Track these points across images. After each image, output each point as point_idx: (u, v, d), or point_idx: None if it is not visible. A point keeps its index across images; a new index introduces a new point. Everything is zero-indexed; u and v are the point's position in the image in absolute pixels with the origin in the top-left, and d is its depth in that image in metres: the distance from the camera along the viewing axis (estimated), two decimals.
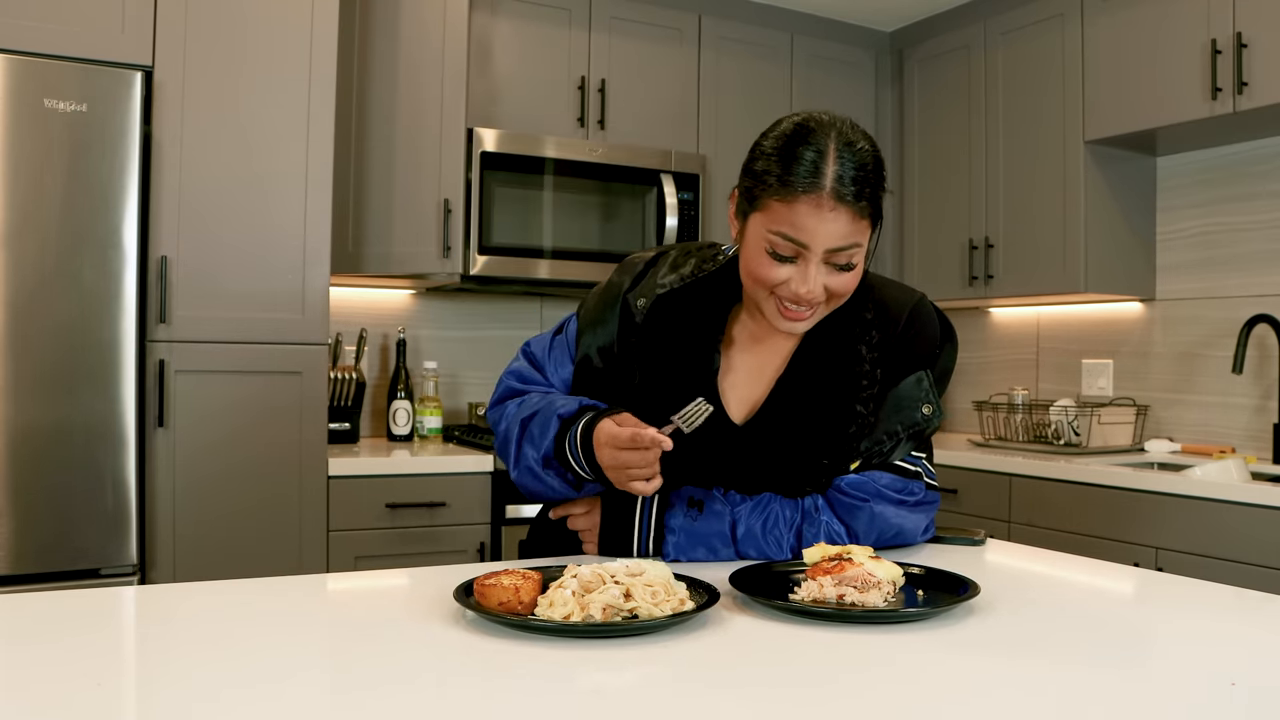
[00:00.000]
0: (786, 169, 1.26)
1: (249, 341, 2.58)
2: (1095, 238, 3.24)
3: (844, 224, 1.26)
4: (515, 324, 3.65)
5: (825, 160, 1.25)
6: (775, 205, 1.27)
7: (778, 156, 1.28)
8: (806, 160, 1.25)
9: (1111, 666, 0.96)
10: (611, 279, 1.50)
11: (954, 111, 3.68)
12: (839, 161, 1.26)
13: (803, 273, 1.28)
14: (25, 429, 2.30)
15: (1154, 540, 2.63)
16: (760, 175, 1.29)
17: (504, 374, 1.53)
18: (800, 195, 1.25)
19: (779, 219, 1.27)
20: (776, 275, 1.29)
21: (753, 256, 1.31)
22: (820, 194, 1.24)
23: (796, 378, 1.41)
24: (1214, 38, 2.80)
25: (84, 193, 2.34)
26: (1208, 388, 3.24)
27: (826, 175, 1.25)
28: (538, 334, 1.60)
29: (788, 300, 1.31)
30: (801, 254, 1.28)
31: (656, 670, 0.94)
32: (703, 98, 3.58)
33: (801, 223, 1.25)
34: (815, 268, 1.28)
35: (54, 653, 0.94)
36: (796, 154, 1.26)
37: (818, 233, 1.26)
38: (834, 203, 1.25)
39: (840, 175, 1.25)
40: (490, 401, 1.54)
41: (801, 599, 1.12)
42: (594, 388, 1.45)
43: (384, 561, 2.74)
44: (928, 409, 1.40)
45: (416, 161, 3.07)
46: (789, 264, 1.29)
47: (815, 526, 1.38)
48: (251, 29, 2.58)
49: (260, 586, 1.23)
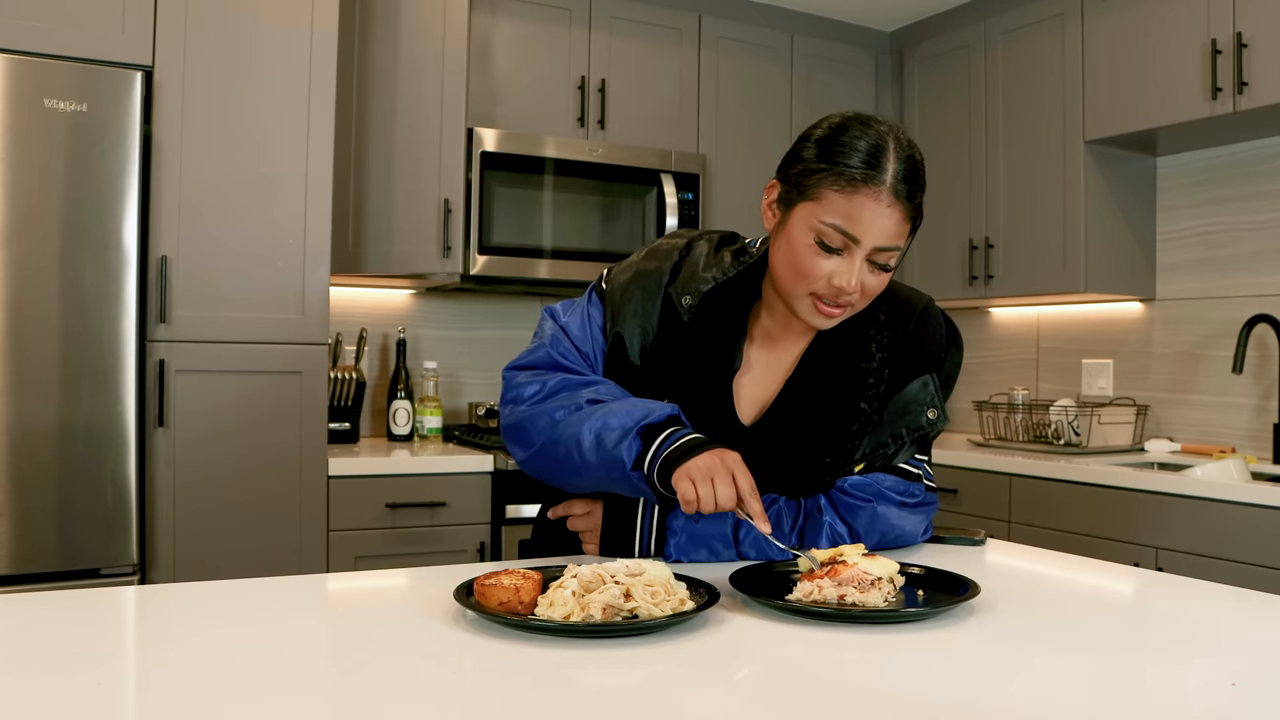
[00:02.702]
0: (847, 157, 1.23)
1: (249, 341, 2.58)
2: (1095, 238, 3.24)
3: (896, 222, 1.24)
4: (515, 324, 3.65)
5: (885, 154, 1.23)
6: (831, 195, 1.24)
7: (836, 145, 1.25)
8: (865, 150, 1.23)
9: (1111, 666, 0.96)
10: (643, 266, 1.44)
11: (954, 111, 3.68)
12: (897, 158, 1.24)
13: (848, 266, 1.26)
14: (25, 429, 2.29)
15: (1154, 540, 2.63)
16: (814, 162, 1.26)
17: (543, 343, 1.43)
18: (861, 186, 1.22)
19: (834, 208, 1.24)
20: (820, 268, 1.26)
21: (797, 249, 1.28)
22: (881, 188, 1.22)
23: (806, 377, 1.41)
24: (1214, 38, 2.80)
25: (84, 193, 2.34)
26: (1208, 388, 3.24)
27: (888, 170, 1.23)
28: (556, 307, 1.49)
29: (826, 296, 1.28)
30: (849, 247, 1.25)
31: (656, 670, 0.94)
32: (703, 98, 3.58)
33: (858, 215, 1.23)
34: (860, 263, 1.26)
35: (54, 653, 0.94)
36: (855, 144, 1.24)
37: (872, 228, 1.23)
38: (891, 198, 1.23)
39: (899, 172, 1.23)
40: (518, 361, 1.45)
41: (798, 598, 1.12)
42: (622, 378, 1.41)
43: (384, 561, 2.74)
44: (932, 413, 1.40)
45: (416, 161, 3.07)
46: (834, 257, 1.26)
47: (817, 527, 1.38)
48: (251, 29, 2.58)
49: (260, 586, 1.23)
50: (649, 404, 1.31)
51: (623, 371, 1.41)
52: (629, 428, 1.27)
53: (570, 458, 1.31)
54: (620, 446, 1.27)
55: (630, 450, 1.27)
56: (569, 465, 1.33)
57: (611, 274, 1.47)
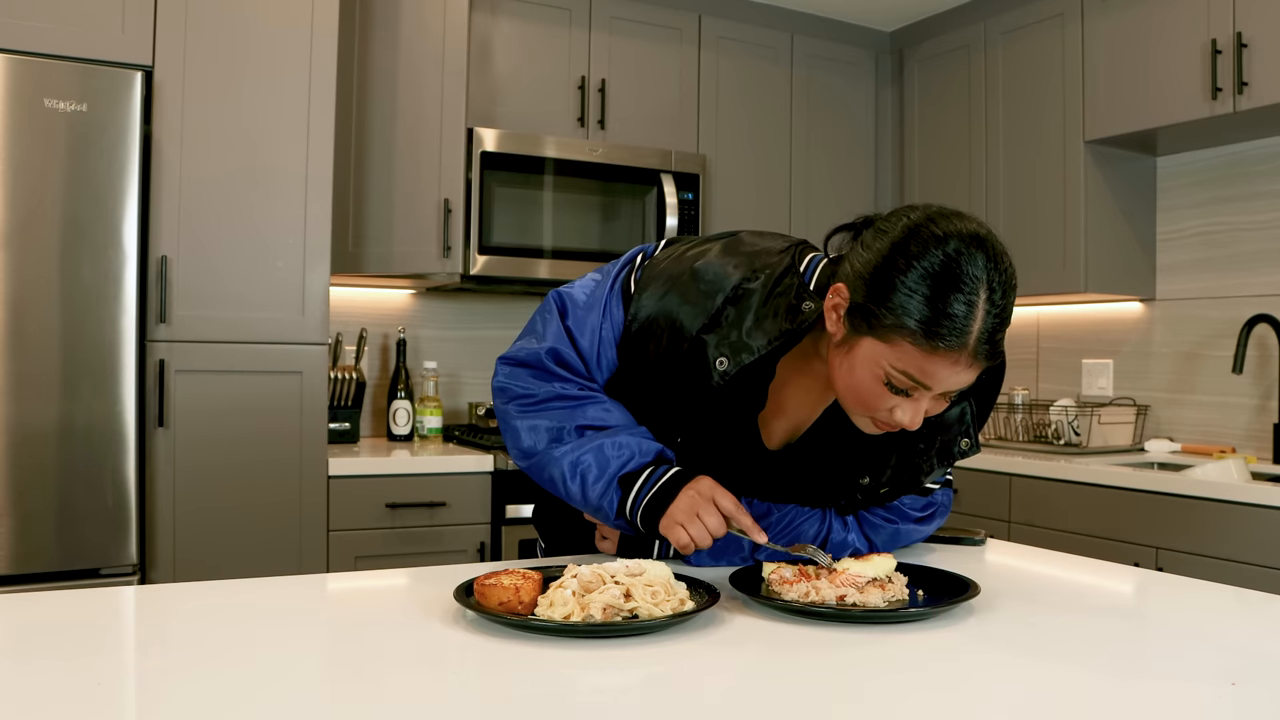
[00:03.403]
0: (933, 320, 1.11)
1: (249, 341, 2.58)
2: (1095, 238, 3.24)
3: (973, 375, 1.17)
4: (515, 324, 3.65)
5: (974, 315, 1.11)
6: (908, 348, 1.13)
7: (923, 299, 1.12)
8: (956, 314, 1.11)
9: (1112, 666, 0.96)
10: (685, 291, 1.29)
11: (954, 111, 3.68)
12: (986, 317, 1.12)
13: (915, 408, 1.18)
14: (25, 429, 2.29)
15: (1154, 540, 2.63)
16: (897, 312, 1.13)
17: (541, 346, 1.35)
18: (940, 351, 1.12)
19: (908, 362, 1.14)
20: (884, 402, 1.18)
21: (861, 381, 1.19)
22: (961, 352, 1.12)
23: (841, 411, 1.33)
24: (1214, 38, 2.80)
25: (84, 193, 2.34)
26: (1208, 388, 3.24)
27: (972, 334, 1.12)
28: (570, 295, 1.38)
29: (885, 425, 1.22)
30: (917, 391, 1.17)
31: (656, 670, 0.94)
32: (703, 98, 3.58)
33: (933, 372, 1.14)
34: (925, 403, 1.19)
35: (54, 652, 0.94)
36: (946, 305, 1.11)
37: (946, 382, 1.16)
38: (971, 359, 1.14)
39: (983, 334, 1.12)
40: (512, 355, 1.38)
41: (796, 597, 1.12)
42: (635, 407, 1.36)
43: (384, 561, 2.74)
44: (965, 443, 1.35)
45: (416, 161, 3.07)
46: (900, 395, 1.18)
47: (842, 544, 1.38)
48: (251, 29, 2.58)
49: (260, 586, 1.23)
50: (631, 445, 1.29)
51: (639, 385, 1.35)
52: (610, 475, 1.28)
53: (555, 488, 1.33)
54: (603, 496, 1.28)
55: (611, 501, 1.28)
56: (556, 491, 1.33)
57: (650, 268, 1.35)
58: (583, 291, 1.38)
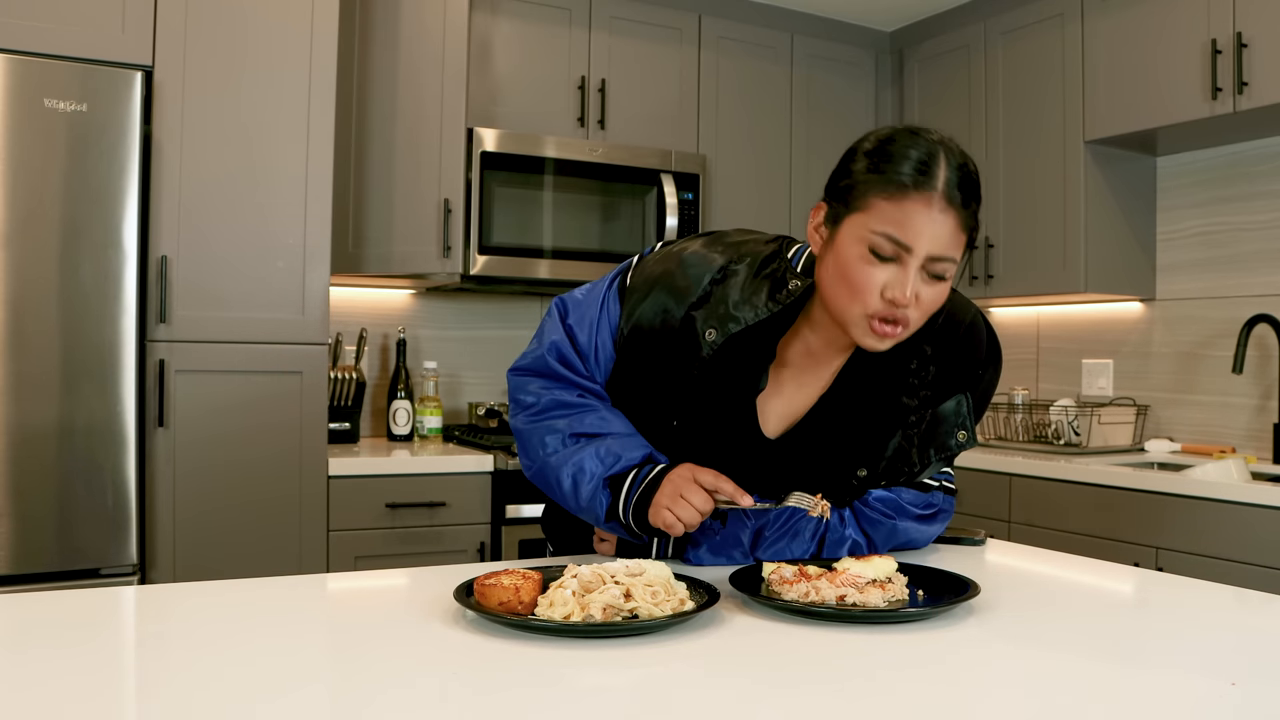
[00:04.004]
0: (896, 165, 1.19)
1: (249, 341, 2.58)
2: (1095, 238, 3.24)
3: (950, 229, 1.19)
4: (515, 324, 3.65)
5: (937, 161, 1.19)
6: (881, 203, 1.19)
7: (884, 154, 1.21)
8: (915, 158, 1.19)
9: (1111, 666, 0.96)
10: (672, 278, 1.36)
11: (954, 111, 3.68)
12: (948, 165, 1.20)
13: (902, 277, 1.19)
14: (25, 429, 2.29)
15: (1154, 540, 2.63)
16: (863, 173, 1.21)
17: (543, 346, 1.41)
18: (911, 192, 1.18)
19: (884, 217, 1.19)
20: (873, 279, 1.20)
21: (847, 262, 1.22)
22: (932, 193, 1.18)
23: (843, 392, 1.37)
24: (1214, 38, 2.80)
25: (84, 193, 2.34)
26: (1208, 388, 3.24)
27: (939, 176, 1.19)
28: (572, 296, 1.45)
29: (880, 314, 1.21)
30: (902, 257, 1.19)
31: (656, 670, 0.94)
32: (703, 98, 3.58)
33: (909, 221, 1.18)
34: (914, 273, 1.20)
35: (54, 653, 0.94)
36: (905, 151, 1.20)
37: (924, 234, 1.18)
38: (944, 204, 1.18)
39: (951, 179, 1.19)
40: (518, 365, 1.43)
41: (796, 597, 1.12)
42: (632, 396, 1.40)
43: (384, 561, 2.74)
44: (962, 435, 1.36)
45: (416, 161, 3.07)
46: (887, 267, 1.20)
47: (840, 539, 1.38)
48: (251, 29, 2.58)
49: (260, 586, 1.23)
50: (617, 449, 1.34)
51: (631, 385, 1.39)
52: (598, 479, 1.33)
53: (553, 493, 1.38)
54: (593, 499, 1.33)
55: (601, 503, 1.33)
56: (556, 497, 1.39)
57: (640, 268, 1.41)
58: (582, 292, 1.44)
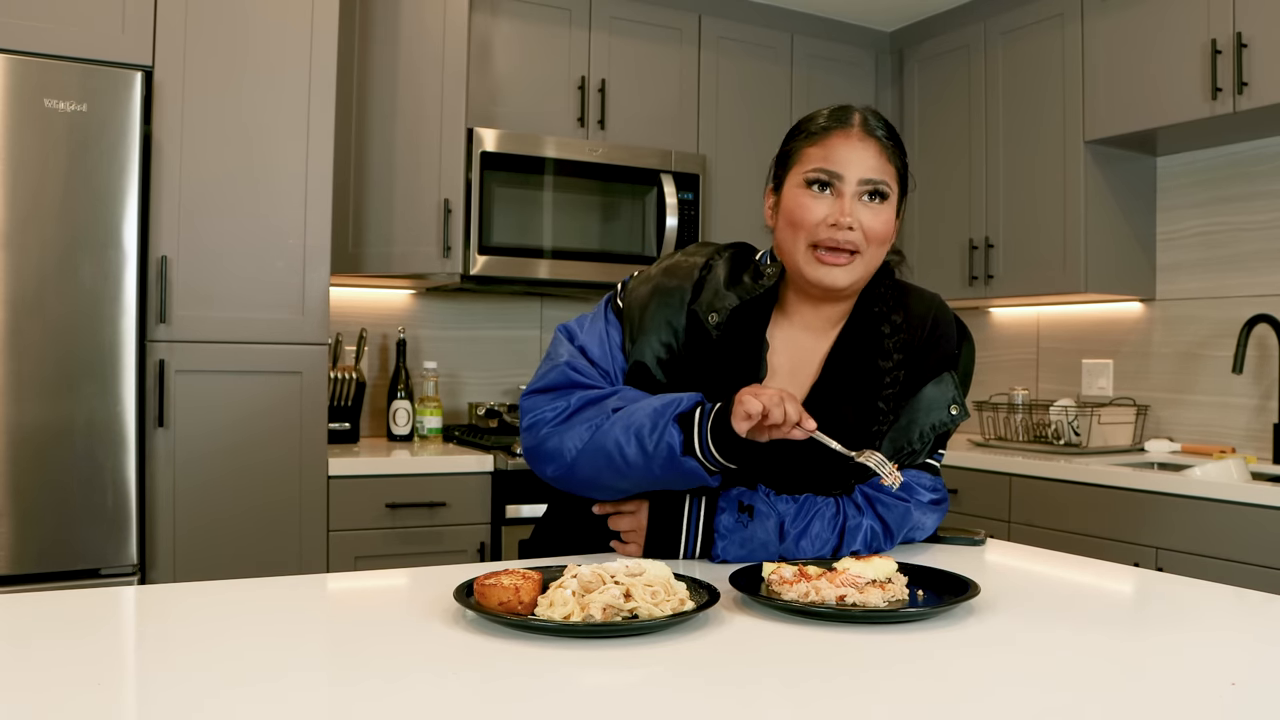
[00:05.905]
0: (814, 119, 1.41)
1: (249, 341, 2.58)
2: (1095, 238, 3.24)
3: (874, 154, 1.37)
4: (515, 324, 3.65)
5: (849, 108, 1.41)
6: (808, 150, 1.39)
7: (804, 119, 1.43)
8: (829, 110, 1.42)
9: (1111, 666, 0.96)
10: (663, 283, 1.45)
11: (954, 111, 3.68)
12: (861, 109, 1.41)
13: (839, 203, 1.36)
14: (25, 429, 2.29)
15: (1154, 540, 2.63)
16: (791, 140, 1.43)
17: (559, 363, 1.44)
18: (832, 131, 1.38)
19: (812, 159, 1.38)
20: (814, 211, 1.36)
21: (791, 208, 1.39)
22: (850, 128, 1.38)
23: (831, 382, 1.44)
24: (1214, 37, 2.80)
25: (84, 193, 2.34)
26: (1208, 388, 3.24)
27: (853, 115, 1.39)
28: (573, 323, 1.51)
29: (824, 241, 1.36)
30: (837, 186, 1.37)
31: (656, 670, 0.94)
32: (703, 98, 3.58)
33: (834, 154, 1.37)
34: (850, 199, 1.36)
35: (54, 653, 0.94)
36: (821, 110, 1.43)
37: (850, 160, 1.36)
38: (863, 134, 1.37)
39: (865, 116, 1.39)
40: (532, 386, 1.45)
41: (796, 597, 1.12)
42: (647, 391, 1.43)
43: (384, 561, 2.74)
44: (954, 409, 1.45)
45: (416, 161, 3.07)
46: (824, 197, 1.37)
47: (856, 527, 1.39)
48: (251, 29, 2.58)
49: (260, 586, 1.23)
50: (671, 396, 1.35)
51: (646, 388, 1.43)
52: (662, 421, 1.31)
53: (612, 461, 1.34)
54: (663, 439, 1.30)
55: (674, 438, 1.30)
56: (611, 470, 1.35)
57: (628, 290, 1.48)
58: (581, 319, 1.51)
